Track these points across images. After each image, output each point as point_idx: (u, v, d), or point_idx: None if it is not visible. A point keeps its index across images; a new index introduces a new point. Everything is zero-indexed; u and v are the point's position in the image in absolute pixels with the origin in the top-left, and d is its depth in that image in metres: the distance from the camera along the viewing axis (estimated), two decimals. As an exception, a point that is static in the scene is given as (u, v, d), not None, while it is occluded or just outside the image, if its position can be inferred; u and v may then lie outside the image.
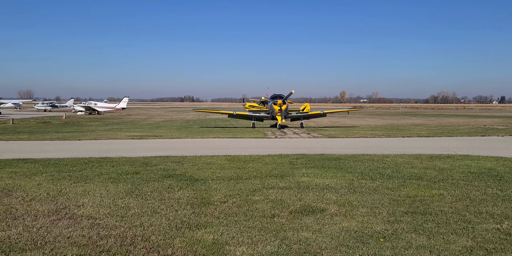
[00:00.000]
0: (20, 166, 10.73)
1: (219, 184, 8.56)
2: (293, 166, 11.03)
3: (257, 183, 8.72)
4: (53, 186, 8.23)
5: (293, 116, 31.07)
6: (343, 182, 8.87)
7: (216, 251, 4.90)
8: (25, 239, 5.22)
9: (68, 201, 7.08)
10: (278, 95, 29.23)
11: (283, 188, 8.22)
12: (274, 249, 4.98)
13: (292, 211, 6.62)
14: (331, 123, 36.00)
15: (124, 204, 6.91)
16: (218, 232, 5.56)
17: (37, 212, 6.40)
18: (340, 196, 7.63)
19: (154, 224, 5.87)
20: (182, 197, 7.47)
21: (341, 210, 6.70)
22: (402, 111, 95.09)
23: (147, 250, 4.91)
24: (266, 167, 10.82)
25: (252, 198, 7.43)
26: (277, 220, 6.13)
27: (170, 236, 5.41)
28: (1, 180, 8.83)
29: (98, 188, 8.09)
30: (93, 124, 35.39)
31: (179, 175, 9.53)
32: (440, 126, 31.51)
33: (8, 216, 6.20)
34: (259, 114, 31.39)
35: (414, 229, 5.75)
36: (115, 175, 9.45)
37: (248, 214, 6.42)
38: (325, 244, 5.18)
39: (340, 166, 11.03)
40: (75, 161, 11.63)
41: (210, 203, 7.07)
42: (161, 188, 8.14)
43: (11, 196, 7.43)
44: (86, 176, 9.39)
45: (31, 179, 9.00)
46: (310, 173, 9.89)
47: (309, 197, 7.53)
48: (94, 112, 60.27)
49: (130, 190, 7.94)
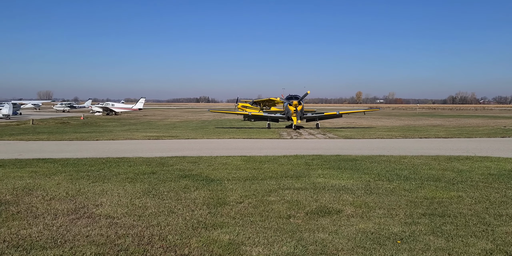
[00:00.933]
0: (40, 165, 10.94)
1: (235, 185, 8.58)
2: (309, 167, 10.99)
3: (273, 183, 8.72)
4: (72, 186, 8.37)
5: (308, 117, 30.97)
6: (360, 183, 8.81)
7: (232, 251, 4.92)
8: (46, 237, 5.32)
9: (86, 201, 7.19)
10: (293, 95, 29.18)
11: (299, 189, 8.20)
12: (290, 250, 4.97)
13: (308, 212, 6.61)
14: (347, 124, 35.77)
15: (141, 204, 6.99)
16: (234, 232, 5.58)
17: (57, 211, 6.51)
18: (357, 197, 7.58)
19: (171, 224, 5.92)
20: (198, 197, 7.52)
21: (357, 211, 6.66)
22: (419, 111, 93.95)
23: (164, 250, 4.96)
24: (282, 167, 10.81)
25: (268, 198, 7.44)
26: (293, 221, 6.12)
27: (187, 235, 5.45)
28: (22, 179, 9.01)
29: (115, 188, 8.20)
30: (111, 124, 35.87)
31: (195, 175, 9.59)
32: (458, 127, 31.03)
33: (29, 214, 6.33)
34: (274, 114, 31.39)
35: (432, 231, 5.68)
36: (132, 175, 9.56)
37: (264, 214, 6.43)
38: (342, 245, 5.15)
39: (357, 167, 10.95)
40: (93, 161, 11.80)
41: (226, 203, 7.10)
42: (177, 188, 8.21)
43: (32, 195, 7.58)
44: (104, 175, 9.52)
45: (51, 178, 9.16)
46: (326, 174, 9.85)
47: (325, 198, 7.50)
48: (111, 113, 61.06)
49: (147, 190, 8.02)
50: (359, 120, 45.10)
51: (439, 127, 31.19)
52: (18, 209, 6.58)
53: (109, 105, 63.62)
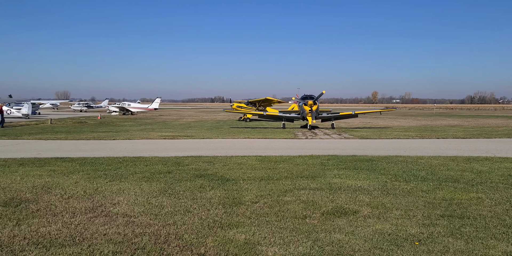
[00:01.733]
0: (59, 164, 11.11)
1: (250, 184, 8.58)
2: (325, 167, 10.93)
3: (288, 183, 8.70)
4: (90, 184, 8.48)
5: (323, 117, 30.81)
6: (376, 184, 8.72)
7: (248, 251, 4.92)
8: (64, 235, 5.39)
9: (104, 199, 7.28)
10: (308, 95, 29.06)
11: (314, 189, 8.16)
12: (306, 250, 4.95)
13: (324, 212, 6.56)
14: (363, 124, 35.48)
15: (157, 203, 7.04)
16: (249, 232, 5.58)
17: (75, 209, 6.60)
18: (373, 198, 7.50)
19: (187, 223, 5.95)
20: (214, 196, 7.54)
21: (374, 212, 6.59)
22: (437, 111, 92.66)
23: (180, 248, 4.98)
24: (297, 167, 10.77)
25: (284, 198, 7.42)
26: (309, 221, 6.09)
27: (203, 235, 5.46)
28: (41, 178, 9.16)
29: (132, 187, 8.27)
30: (127, 124, 36.24)
31: (211, 175, 9.63)
32: (477, 127, 30.50)
33: (48, 212, 6.42)
34: (289, 114, 31.30)
35: (451, 233, 5.59)
36: (149, 174, 9.64)
37: (279, 214, 6.41)
38: (358, 246, 5.10)
39: (373, 167, 10.85)
40: (110, 160, 11.94)
41: (241, 203, 7.10)
42: (193, 188, 8.24)
43: (51, 193, 7.70)
44: (120, 175, 9.62)
45: (69, 177, 9.29)
46: (342, 175, 9.78)
47: (341, 198, 7.45)
48: (127, 113, 61.68)
49: (163, 189, 8.08)
50: (375, 120, 44.68)
51: (457, 127, 30.71)
52: (37, 207, 6.70)
53: (126, 105, 64.28)
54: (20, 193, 7.68)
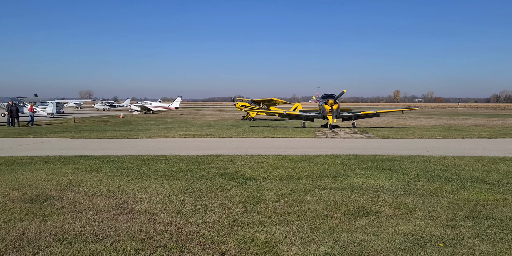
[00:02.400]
0: (82, 162, 11.32)
1: (271, 184, 8.57)
2: (346, 166, 10.83)
3: (309, 183, 8.65)
4: (113, 182, 8.61)
5: (344, 116, 30.54)
6: (398, 184, 8.59)
7: (269, 250, 4.91)
8: (88, 232, 5.49)
9: (126, 197, 7.38)
10: (329, 94, 28.84)
11: (335, 189, 8.09)
12: (327, 251, 4.91)
13: (346, 212, 6.50)
14: (385, 123, 35.02)
15: (179, 201, 7.10)
16: (270, 231, 5.56)
17: (98, 207, 6.71)
18: (396, 198, 7.39)
19: (208, 221, 5.98)
20: (234, 195, 7.55)
21: (396, 212, 6.49)
22: (461, 111, 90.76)
23: (201, 247, 5.00)
24: (318, 167, 10.70)
25: (304, 198, 7.38)
26: (330, 221, 6.04)
27: (224, 233, 5.48)
28: (65, 175, 9.35)
29: (154, 185, 8.36)
30: (148, 123, 36.67)
31: (231, 174, 9.65)
32: (503, 127, 29.73)
33: (72, 209, 6.55)
34: (309, 113, 31.14)
35: (477, 234, 5.46)
36: (170, 173, 9.73)
37: (300, 214, 6.38)
38: (381, 247, 5.04)
39: (395, 167, 10.70)
40: (132, 158, 12.10)
41: (262, 202, 7.10)
42: (213, 186, 8.28)
43: (75, 191, 7.85)
44: (142, 173, 9.74)
45: (92, 175, 9.46)
46: (364, 174, 9.67)
47: (363, 198, 7.36)
48: (149, 112, 62.43)
49: (184, 188, 8.14)
50: (397, 119, 44.06)
51: (482, 127, 30.01)
52: (62, 204, 6.83)
53: (147, 104, 65.07)
54: (45, 190, 7.85)
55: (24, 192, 7.63)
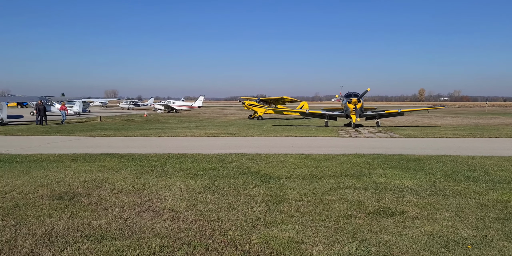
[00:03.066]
0: (108, 160, 11.53)
1: (294, 183, 8.54)
2: (370, 166, 10.70)
3: (332, 182, 8.58)
4: (137, 180, 8.74)
5: (368, 115, 30.15)
6: (424, 184, 8.43)
7: (292, 249, 4.89)
8: (114, 228, 5.59)
9: (151, 194, 7.48)
10: (352, 93, 28.51)
11: (359, 189, 8.00)
12: (352, 251, 4.86)
13: (370, 212, 6.42)
14: (409, 122, 34.42)
15: (202, 199, 7.15)
16: (293, 230, 5.54)
17: (124, 204, 6.82)
18: (421, 198, 7.26)
19: (231, 220, 6.00)
20: (257, 194, 7.56)
21: (422, 213, 6.37)
22: (489, 109, 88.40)
23: (225, 245, 5.03)
24: (341, 166, 10.61)
25: (328, 197, 7.32)
26: (354, 221, 5.98)
27: (247, 232, 5.49)
28: (92, 173, 9.54)
29: (178, 183, 8.45)
30: (172, 121, 37.04)
31: (254, 173, 9.66)
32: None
33: (99, 206, 6.68)
34: (332, 112, 30.88)
35: (507, 236, 5.31)
36: (193, 171, 9.81)
37: (324, 213, 6.34)
38: (406, 248, 4.95)
39: (421, 167, 10.50)
40: (156, 156, 12.26)
41: (285, 201, 7.08)
42: (236, 185, 8.31)
43: (101, 188, 8.00)
44: (166, 171, 9.85)
45: (118, 172, 9.63)
46: (388, 174, 9.53)
47: (387, 198, 7.26)
48: (172, 110, 63.10)
49: (208, 186, 8.19)
50: (422, 118, 43.24)
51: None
52: (89, 201, 6.98)
53: (170, 103, 65.80)
54: (72, 187, 8.03)
55: (53, 189, 7.83)
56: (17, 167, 10.23)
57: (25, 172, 9.53)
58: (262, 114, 40.69)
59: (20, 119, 32.65)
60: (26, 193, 7.51)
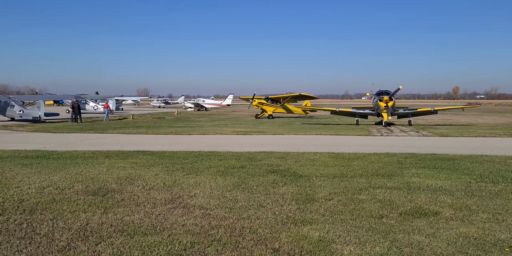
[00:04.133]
0: (140, 157, 11.76)
1: (323, 181, 8.47)
2: (402, 165, 10.48)
3: (363, 181, 8.46)
4: (168, 177, 8.87)
5: (400, 113, 29.55)
6: (459, 185, 8.19)
7: (322, 248, 4.85)
8: (146, 224, 5.70)
9: (181, 191, 7.58)
10: (384, 91, 28.01)
11: (391, 188, 7.86)
12: (383, 251, 4.77)
13: (402, 212, 6.29)
14: (443, 121, 33.51)
15: (232, 197, 7.19)
16: (324, 229, 5.50)
17: (156, 200, 6.94)
18: (456, 199, 7.05)
19: (261, 218, 6.00)
20: (287, 192, 7.54)
21: (457, 214, 6.19)
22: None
23: (255, 242, 5.04)
24: (372, 165, 10.44)
25: (358, 197, 7.22)
26: (385, 221, 5.87)
27: (277, 230, 5.48)
28: (125, 169, 9.76)
29: (208, 180, 8.53)
30: (201, 120, 37.44)
31: (283, 171, 9.64)
32: None
33: (131, 202, 6.83)
34: (363, 111, 30.44)
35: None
36: (223, 169, 9.88)
37: (354, 213, 6.25)
38: (440, 249, 4.82)
39: (455, 167, 10.21)
40: (186, 154, 12.42)
41: (314, 200, 7.03)
42: (266, 183, 8.31)
43: (133, 184, 8.17)
44: (197, 168, 9.96)
45: (150, 169, 9.80)
46: (421, 174, 9.31)
47: (420, 198, 7.09)
48: (202, 109, 63.77)
49: (237, 184, 8.23)
50: (456, 117, 42.01)
51: (552, 125, 27.92)
52: (122, 197, 7.14)
53: (200, 101, 66.56)
54: (106, 183, 8.24)
55: (87, 185, 8.05)
56: (53, 163, 10.58)
57: (61, 168, 9.85)
58: (271, 112, 39.71)
59: (56, 116, 33.80)
60: (62, 188, 7.77)
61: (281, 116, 43.06)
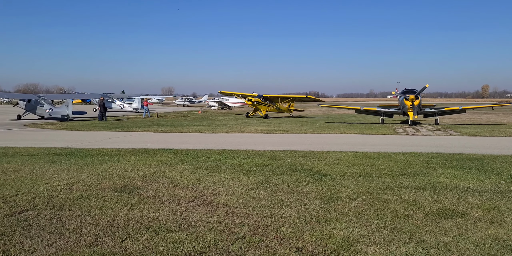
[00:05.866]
0: (165, 155, 11.93)
1: (348, 181, 8.40)
2: (428, 165, 10.29)
3: (388, 181, 8.34)
4: (193, 175, 8.97)
5: (426, 112, 28.99)
6: (488, 185, 7.99)
7: (346, 248, 4.82)
8: (171, 221, 5.78)
9: (205, 189, 7.65)
10: (410, 89, 27.52)
11: (417, 188, 7.72)
12: (409, 252, 4.70)
13: (428, 213, 6.18)
14: (471, 120, 32.68)
15: (255, 195, 7.21)
16: (348, 229, 5.45)
17: (180, 198, 7.03)
18: (485, 200, 6.88)
19: (284, 216, 6.00)
20: (310, 191, 7.51)
21: (486, 215, 6.04)
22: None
23: (278, 241, 5.04)
24: (398, 165, 10.29)
25: (383, 196, 7.13)
26: (411, 222, 5.78)
27: (300, 229, 5.47)
28: (150, 167, 9.92)
29: (231, 179, 8.58)
30: (225, 118, 37.64)
31: (307, 170, 9.60)
32: None
33: (156, 199, 6.94)
34: (388, 109, 29.99)
35: None
36: (246, 167, 9.91)
37: (379, 213, 6.18)
38: (468, 251, 4.72)
39: (484, 167, 9.95)
40: (210, 152, 12.51)
41: (338, 199, 6.98)
42: (289, 182, 8.30)
43: (158, 182, 8.30)
44: (220, 166, 10.03)
45: (174, 167, 9.93)
46: (448, 174, 9.12)
47: (447, 199, 6.95)
48: (225, 107, 64.12)
49: (261, 182, 8.25)
50: (485, 116, 40.90)
51: None
52: (147, 194, 7.26)
53: (224, 100, 66.86)
54: (132, 180, 8.39)
55: (114, 182, 8.22)
56: (81, 161, 10.85)
57: (88, 165, 10.09)
58: (265, 112, 38.42)
59: (84, 115, 34.60)
60: (90, 185, 7.95)
61: (272, 116, 41.87)
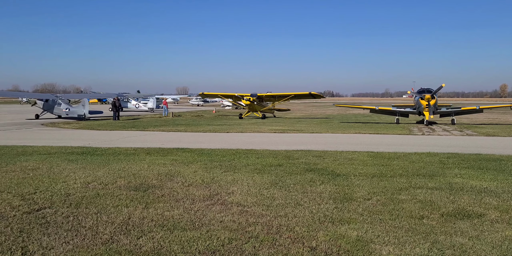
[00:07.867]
0: (179, 154, 12.02)
1: (362, 181, 8.35)
2: (444, 165, 10.17)
3: (403, 181, 8.27)
4: (207, 174, 9.02)
5: (442, 112, 28.64)
6: (506, 186, 7.86)
7: (360, 248, 4.80)
8: (185, 219, 5.83)
9: (219, 188, 7.69)
10: (426, 89, 27.19)
11: (432, 189, 7.64)
12: (424, 252, 4.66)
13: (444, 213, 6.11)
14: (489, 120, 32.15)
15: (269, 194, 7.22)
16: (362, 229, 5.43)
17: (194, 197, 7.08)
18: (502, 201, 6.77)
19: (298, 216, 6.00)
20: (324, 191, 7.49)
21: (503, 217, 5.95)
22: None
23: (292, 240, 5.05)
24: (413, 165, 10.19)
25: (398, 197, 7.07)
26: (426, 222, 5.73)
27: (314, 228, 5.47)
28: (165, 166, 10.00)
29: (245, 178, 8.60)
30: (239, 118, 37.69)
31: (321, 170, 9.58)
32: None
33: (171, 198, 7.00)
34: (404, 109, 29.70)
35: None
36: (260, 167, 9.93)
37: (394, 213, 6.14)
38: (485, 252, 4.66)
39: (502, 168, 9.79)
40: (224, 151, 12.56)
41: (352, 199, 6.95)
42: (303, 181, 8.29)
43: (173, 180, 8.37)
44: (234, 166, 10.06)
45: (189, 166, 10.00)
46: (464, 174, 9.00)
47: (463, 200, 6.86)
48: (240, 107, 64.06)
49: (274, 182, 8.26)
50: (503, 116, 40.18)
51: None
52: (162, 193, 7.33)
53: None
54: (147, 179, 8.48)
55: (129, 181, 8.32)
56: (97, 159, 11.00)
57: (104, 164, 10.22)
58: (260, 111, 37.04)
59: (100, 114, 35.06)
60: (106, 183, 8.06)
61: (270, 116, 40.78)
